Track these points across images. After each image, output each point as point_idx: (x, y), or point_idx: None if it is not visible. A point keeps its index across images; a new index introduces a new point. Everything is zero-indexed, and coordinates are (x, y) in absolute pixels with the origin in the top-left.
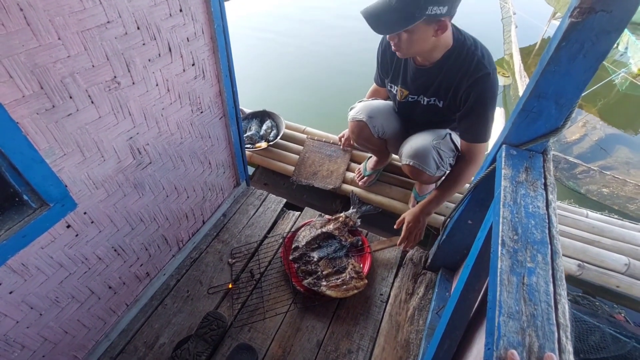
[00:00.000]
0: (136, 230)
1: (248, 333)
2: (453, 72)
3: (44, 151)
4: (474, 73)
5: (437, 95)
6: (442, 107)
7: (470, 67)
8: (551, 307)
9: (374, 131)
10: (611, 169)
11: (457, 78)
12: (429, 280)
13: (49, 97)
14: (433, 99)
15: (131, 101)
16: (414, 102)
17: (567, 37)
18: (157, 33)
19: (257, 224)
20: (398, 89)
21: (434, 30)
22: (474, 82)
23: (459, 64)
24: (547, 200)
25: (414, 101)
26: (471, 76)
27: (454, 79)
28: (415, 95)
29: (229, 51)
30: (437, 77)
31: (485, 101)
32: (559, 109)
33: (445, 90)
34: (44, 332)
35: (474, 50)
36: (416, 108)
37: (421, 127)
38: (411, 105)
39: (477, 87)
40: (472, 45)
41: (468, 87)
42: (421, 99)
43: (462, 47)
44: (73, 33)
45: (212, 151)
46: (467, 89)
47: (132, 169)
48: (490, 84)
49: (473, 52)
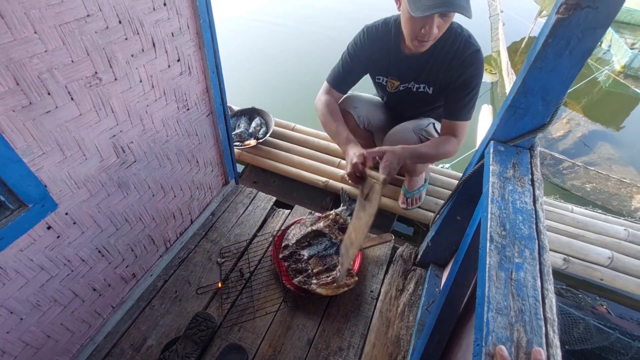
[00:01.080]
0: (121, 230)
1: (238, 333)
2: (442, 56)
3: (21, 150)
4: (464, 51)
5: (428, 81)
6: (432, 93)
7: (460, 47)
8: (539, 302)
9: (359, 121)
10: (594, 165)
11: (447, 60)
12: (419, 276)
13: (25, 94)
14: (423, 86)
15: (114, 98)
16: (405, 89)
17: (553, 34)
18: (140, 27)
19: (247, 223)
20: (388, 80)
21: None
22: (464, 59)
23: (447, 47)
24: (534, 196)
25: (405, 89)
26: (461, 55)
27: (444, 61)
28: (407, 83)
29: (216, 47)
30: (428, 63)
31: (475, 78)
32: (546, 105)
33: (435, 75)
34: (25, 337)
35: (460, 32)
36: (407, 96)
37: (408, 118)
38: (402, 94)
39: (467, 65)
40: (458, 28)
41: (459, 65)
42: (412, 86)
43: (450, 31)
44: (50, 27)
45: (199, 149)
46: (458, 67)
47: (116, 167)
48: (479, 61)
49: (459, 34)
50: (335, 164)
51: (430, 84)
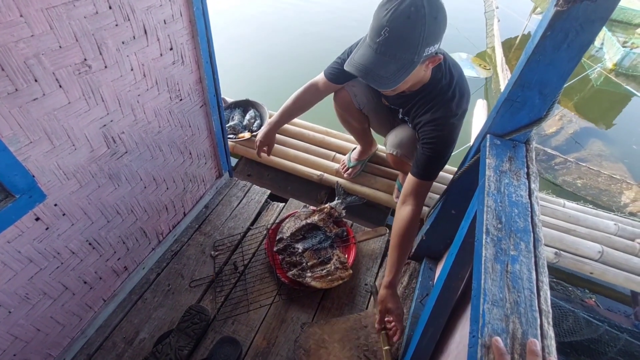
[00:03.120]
0: (112, 223)
1: (232, 326)
2: (421, 106)
3: (7, 138)
4: (437, 111)
5: (408, 115)
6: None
7: (437, 105)
8: (534, 294)
9: (354, 101)
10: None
11: (423, 112)
12: (413, 269)
13: (10, 80)
14: (406, 118)
15: (104, 86)
16: (395, 110)
17: (552, 26)
18: (131, 13)
19: (241, 216)
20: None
21: (426, 65)
22: (435, 119)
23: (428, 101)
24: (529, 189)
25: (394, 110)
26: (434, 112)
27: (420, 112)
28: (395, 107)
29: (210, 36)
30: (409, 104)
31: (438, 139)
32: (543, 98)
33: (412, 117)
34: (14, 331)
35: (446, 90)
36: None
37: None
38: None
39: (436, 125)
40: (446, 85)
41: (429, 121)
42: (400, 112)
43: (436, 85)
44: (37, 10)
45: (192, 141)
46: (428, 123)
47: (107, 158)
48: (447, 128)
49: (445, 92)
50: (330, 158)
51: (409, 120)
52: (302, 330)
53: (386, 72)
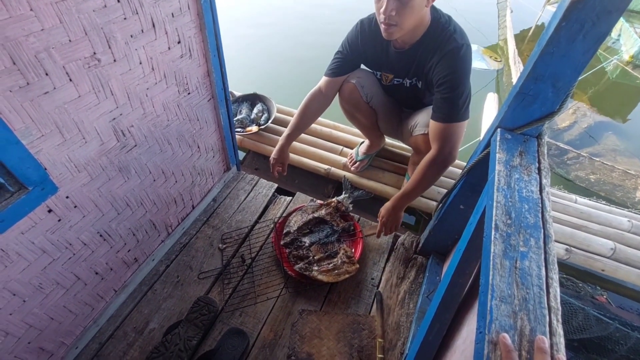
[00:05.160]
0: (122, 215)
1: (239, 318)
2: (428, 50)
3: (19, 132)
4: (444, 47)
5: (416, 75)
6: (421, 87)
7: (442, 42)
8: (543, 290)
9: (362, 92)
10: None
11: (431, 55)
12: (420, 264)
13: (22, 74)
14: (414, 79)
15: (113, 80)
16: (399, 84)
17: (567, 17)
18: (140, 7)
19: (248, 209)
20: (382, 74)
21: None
22: (444, 55)
23: (433, 41)
24: (540, 185)
25: (398, 84)
26: (442, 50)
27: (429, 56)
28: (400, 78)
29: (217, 29)
30: (415, 58)
31: (456, 76)
32: (556, 92)
33: (421, 69)
34: (29, 319)
35: (447, 26)
36: (401, 90)
37: (408, 108)
38: (396, 88)
39: (445, 61)
40: (446, 22)
41: (439, 61)
42: (405, 81)
43: (437, 25)
44: (47, 4)
45: (200, 134)
46: (438, 63)
47: (117, 151)
48: (459, 58)
49: (446, 28)
50: (338, 152)
51: (419, 78)
52: (301, 316)
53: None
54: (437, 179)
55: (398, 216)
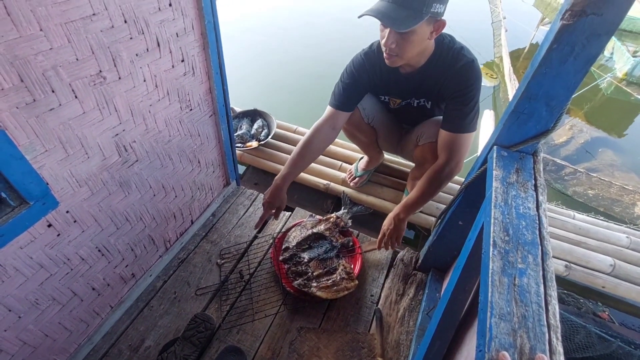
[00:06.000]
0: (121, 230)
1: (237, 335)
2: (437, 70)
3: (23, 147)
4: (455, 64)
5: (425, 96)
6: (430, 107)
7: (451, 60)
8: (542, 308)
9: (363, 114)
10: (596, 171)
11: (441, 74)
12: (420, 281)
13: (29, 91)
14: (422, 100)
15: (117, 97)
16: (406, 105)
17: (558, 40)
18: (145, 27)
19: (247, 224)
20: (390, 98)
21: (430, 31)
22: (457, 72)
23: (442, 62)
24: (537, 201)
25: (406, 104)
26: (453, 67)
27: (439, 77)
28: (408, 99)
29: (220, 48)
30: (424, 80)
31: (470, 90)
32: (550, 110)
33: (431, 90)
34: (23, 336)
35: (452, 45)
36: (408, 111)
37: (411, 125)
38: (404, 109)
39: (459, 76)
40: (451, 42)
41: (451, 78)
42: (412, 101)
43: (442, 46)
44: (56, 25)
45: (201, 150)
46: (452, 80)
47: (118, 166)
48: (472, 72)
49: (452, 47)
50: (337, 167)
51: (428, 98)
52: (299, 334)
53: (398, 16)
54: (441, 189)
55: (401, 227)
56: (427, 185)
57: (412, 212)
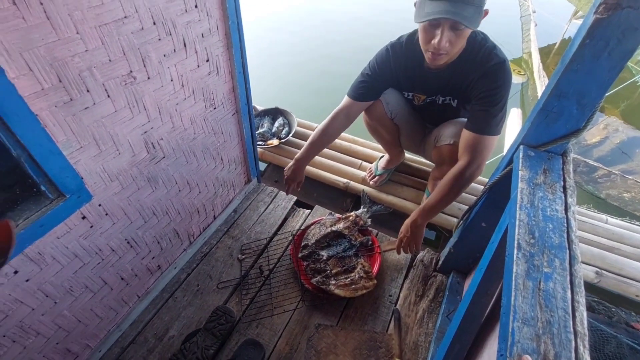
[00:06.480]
0: (149, 223)
1: (256, 329)
2: (466, 68)
3: (61, 143)
4: (486, 63)
5: (452, 93)
6: (456, 105)
7: (483, 58)
8: (568, 314)
9: (387, 109)
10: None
11: (471, 72)
12: (440, 282)
13: (67, 91)
14: (448, 98)
15: (146, 96)
16: (431, 102)
17: (591, 34)
18: (173, 28)
19: (267, 221)
20: (414, 94)
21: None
22: (487, 72)
23: (472, 59)
24: (566, 204)
25: (430, 101)
26: (483, 66)
27: (468, 74)
28: (433, 96)
29: (243, 48)
30: (452, 76)
31: (499, 91)
32: (581, 109)
33: (459, 87)
34: (58, 320)
35: (485, 43)
36: (432, 107)
37: (435, 123)
38: (428, 106)
39: (489, 76)
40: (482, 39)
41: (480, 77)
42: (437, 98)
43: (474, 43)
44: (91, 27)
45: (224, 147)
46: (482, 80)
47: (146, 162)
48: (503, 73)
49: (484, 45)
50: (357, 166)
51: (455, 96)
52: (317, 330)
53: (468, 14)
54: (461, 193)
55: (418, 233)
56: (446, 189)
57: (430, 216)
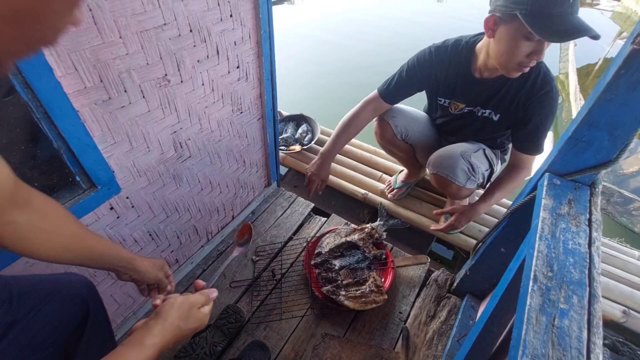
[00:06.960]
0: (171, 218)
1: (264, 331)
2: (517, 86)
3: (97, 138)
4: (541, 88)
5: (497, 108)
6: (497, 120)
7: (537, 81)
8: (582, 355)
9: (396, 131)
10: None
11: (523, 92)
12: (453, 305)
13: (106, 90)
14: (489, 112)
15: (178, 98)
16: (469, 112)
17: (627, 65)
18: (208, 36)
19: (284, 225)
20: (452, 102)
21: None
22: (540, 97)
23: (524, 78)
24: (590, 238)
25: (469, 112)
26: (538, 91)
27: (520, 93)
28: (472, 107)
29: (273, 56)
30: (501, 90)
31: (548, 117)
32: (613, 140)
33: (507, 104)
34: None
35: (539, 64)
36: (469, 119)
37: (457, 140)
38: (464, 117)
39: (542, 103)
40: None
41: (533, 101)
42: (477, 110)
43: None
44: (133, 33)
45: (247, 150)
46: (532, 103)
47: (173, 161)
48: (554, 100)
49: (538, 65)
50: (377, 177)
51: (498, 111)
52: (323, 340)
53: (586, 26)
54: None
55: (471, 216)
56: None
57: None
